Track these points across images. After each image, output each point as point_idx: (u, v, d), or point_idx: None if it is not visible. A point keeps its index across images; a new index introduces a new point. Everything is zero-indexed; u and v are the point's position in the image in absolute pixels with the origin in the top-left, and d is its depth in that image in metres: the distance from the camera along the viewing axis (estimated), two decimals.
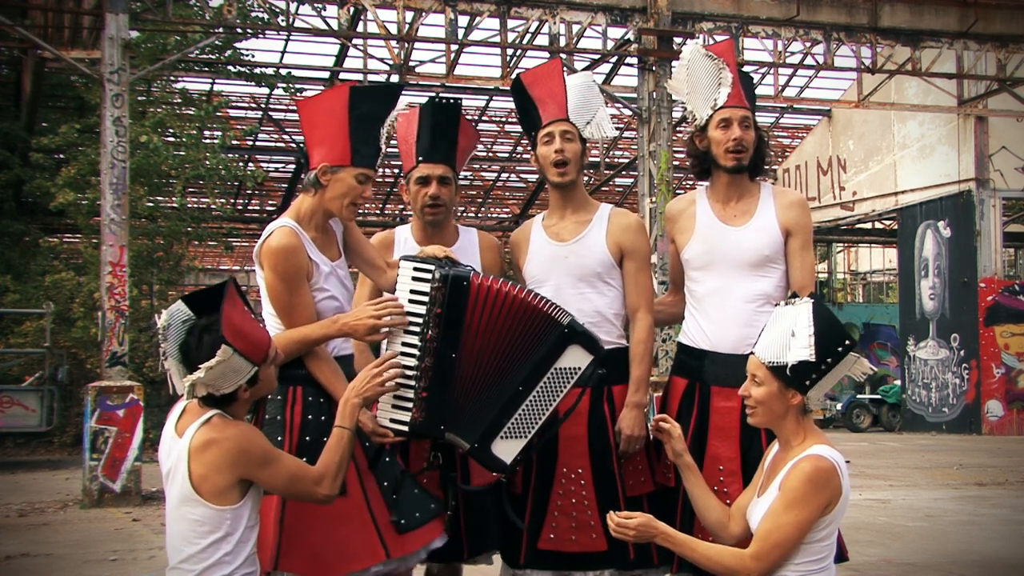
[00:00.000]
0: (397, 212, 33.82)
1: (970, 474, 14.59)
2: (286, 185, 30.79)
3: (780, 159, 32.33)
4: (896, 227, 29.30)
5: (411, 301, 3.80)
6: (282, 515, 3.71)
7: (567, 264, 4.39)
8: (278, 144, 29.82)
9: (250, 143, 28.09)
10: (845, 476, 3.52)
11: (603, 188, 29.93)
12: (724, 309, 4.29)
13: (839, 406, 28.60)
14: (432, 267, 3.82)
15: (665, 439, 3.91)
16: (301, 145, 27.82)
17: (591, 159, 4.89)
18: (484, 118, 28.78)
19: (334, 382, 3.82)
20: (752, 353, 3.62)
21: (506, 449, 3.82)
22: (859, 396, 28.97)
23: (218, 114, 21.43)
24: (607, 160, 27.64)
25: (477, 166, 30.64)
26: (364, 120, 3.86)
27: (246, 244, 37.93)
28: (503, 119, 30.01)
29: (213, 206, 22.26)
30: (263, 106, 27.14)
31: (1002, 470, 15.14)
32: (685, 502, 4.17)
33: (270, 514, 3.69)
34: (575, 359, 3.82)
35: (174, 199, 20.34)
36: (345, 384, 3.74)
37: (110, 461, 11.63)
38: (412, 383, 3.76)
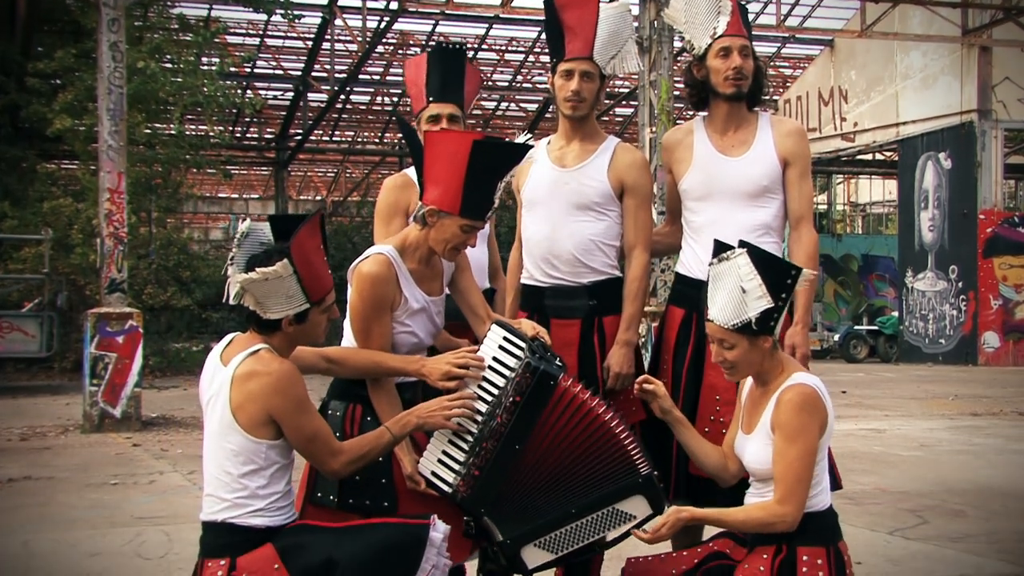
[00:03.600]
0: (396, 141, 33.70)
1: (965, 404, 14.69)
2: (284, 113, 30.64)
3: (781, 90, 32.13)
4: (897, 158, 29.20)
5: (490, 368, 3.71)
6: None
7: (566, 190, 4.37)
8: (276, 72, 29.62)
9: (248, 70, 27.89)
10: (827, 397, 3.56)
11: (603, 118, 29.78)
12: (722, 239, 4.26)
13: (836, 337, 28.73)
14: (523, 346, 3.71)
15: (650, 399, 3.91)
16: (300, 73, 27.69)
17: None
18: (484, 47, 28.57)
19: (387, 414, 3.77)
20: (709, 321, 3.59)
21: (534, 556, 3.71)
22: (856, 327, 29.11)
23: (216, 40, 21.22)
24: (607, 90, 27.46)
25: (477, 94, 30.48)
26: (482, 173, 3.80)
27: (244, 172, 37.90)
28: (503, 48, 29.80)
29: (211, 133, 22.17)
30: (261, 32, 26.92)
31: (997, 400, 15.25)
32: None
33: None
34: (636, 508, 3.67)
35: (172, 126, 20.25)
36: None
37: (110, 387, 11.71)
38: (466, 448, 3.65)
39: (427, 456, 3.68)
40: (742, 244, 3.57)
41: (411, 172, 4.67)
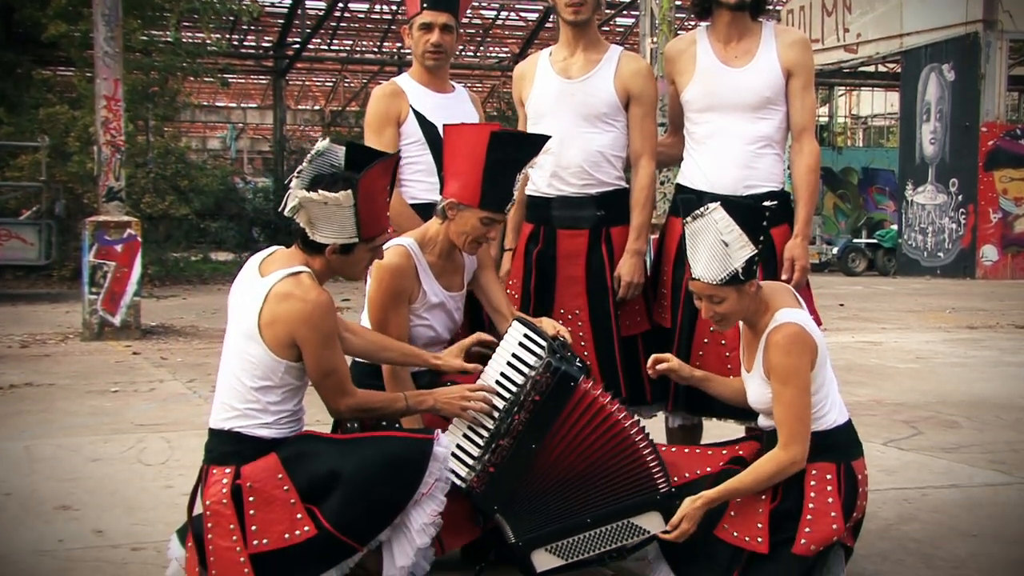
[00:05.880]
0: (395, 51, 33.38)
1: (962, 317, 14.75)
2: (282, 21, 30.29)
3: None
4: (899, 70, 28.95)
5: (509, 364, 3.68)
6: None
7: (573, 101, 4.34)
8: None
9: None
10: (813, 329, 3.56)
11: (603, 28, 29.42)
12: (723, 151, 4.25)
13: (835, 250, 28.76)
14: (544, 344, 3.67)
15: (670, 374, 3.91)
16: None
17: None
18: None
19: (388, 403, 3.69)
20: (695, 280, 3.57)
21: (543, 561, 3.68)
22: (855, 240, 29.13)
23: None
24: None
25: (476, 4, 30.09)
26: (501, 165, 3.77)
27: (242, 80, 37.56)
28: None
29: (208, 41, 21.93)
30: None
31: (993, 314, 15.31)
32: (680, 341, 4.22)
33: None
34: (651, 523, 3.62)
35: (168, 33, 20.03)
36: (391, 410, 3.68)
37: (109, 295, 11.73)
38: (481, 444, 3.63)
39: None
40: (713, 198, 3.54)
41: (401, 80, 4.63)
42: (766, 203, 3.58)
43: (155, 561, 4.01)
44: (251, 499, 3.34)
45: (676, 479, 3.66)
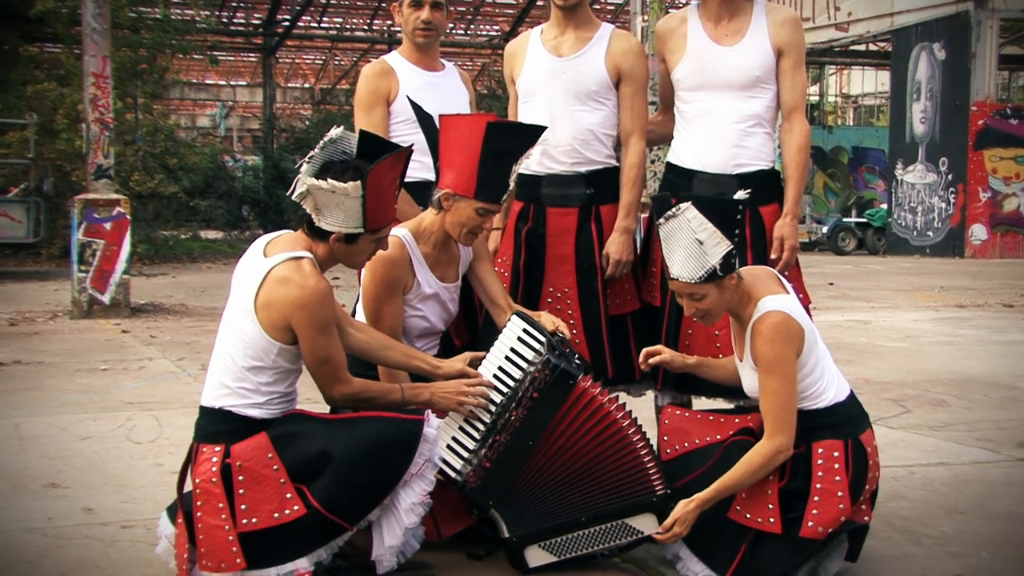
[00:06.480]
0: (385, 28, 33.23)
1: (951, 296, 14.80)
2: None
3: None
4: (890, 49, 28.92)
5: (507, 358, 3.67)
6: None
7: (563, 79, 4.34)
8: None
9: None
10: (798, 314, 3.56)
11: (594, 6, 29.34)
12: (714, 130, 4.25)
13: (825, 229, 28.78)
14: (543, 340, 3.67)
15: (664, 365, 3.92)
16: None
17: None
18: None
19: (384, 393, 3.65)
20: (673, 279, 3.55)
21: (536, 557, 3.69)
22: (845, 219, 29.15)
23: None
24: None
25: None
26: (497, 155, 3.76)
27: (231, 58, 37.39)
28: None
29: (197, 18, 21.81)
30: None
31: (982, 292, 15.36)
32: (670, 320, 4.23)
33: None
34: (645, 524, 3.64)
35: (157, 10, 19.90)
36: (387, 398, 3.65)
37: (98, 273, 11.70)
38: (477, 438, 3.62)
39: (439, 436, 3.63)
40: (683, 198, 3.53)
41: (391, 58, 4.62)
42: (738, 194, 3.56)
43: (144, 539, 4.01)
44: (241, 478, 3.35)
45: (686, 444, 3.69)
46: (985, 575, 3.75)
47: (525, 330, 3.72)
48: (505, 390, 3.63)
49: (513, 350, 3.69)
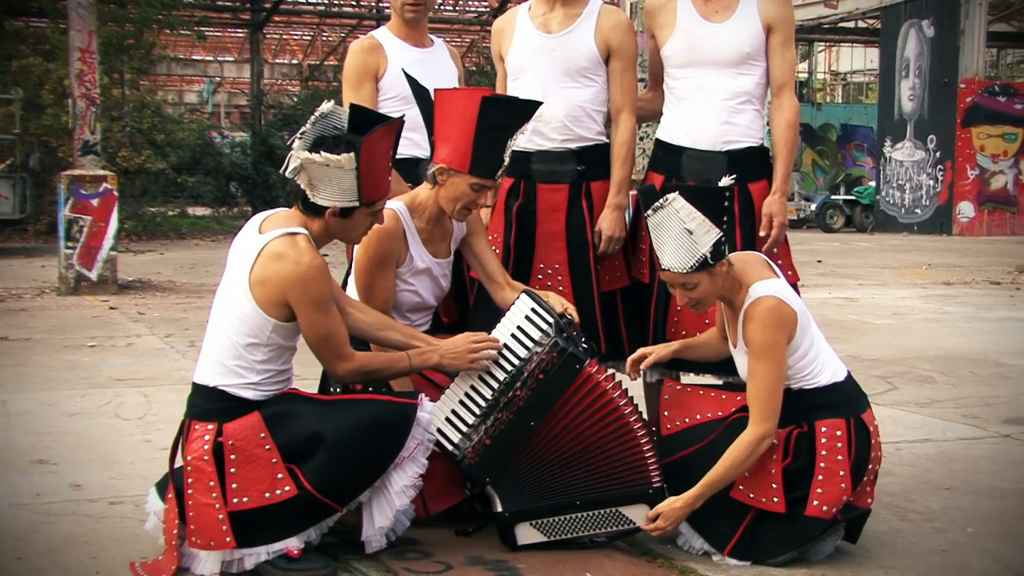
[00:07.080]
0: (373, 4, 33.09)
1: (938, 274, 14.84)
2: None
3: None
4: (879, 26, 28.90)
5: (513, 336, 3.66)
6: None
7: (553, 56, 4.32)
8: None
9: None
10: (790, 298, 3.57)
11: None
12: (703, 106, 4.24)
13: (813, 206, 28.81)
14: (551, 321, 3.65)
15: (656, 363, 3.92)
16: None
17: None
18: None
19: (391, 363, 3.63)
20: (664, 270, 3.55)
21: (526, 535, 3.68)
22: (833, 197, 29.18)
23: None
24: None
25: None
26: (492, 130, 3.73)
27: (218, 33, 37.19)
28: None
29: None
30: None
31: (969, 270, 15.41)
32: (659, 296, 4.23)
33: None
34: (638, 515, 3.64)
35: None
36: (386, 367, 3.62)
37: (85, 250, 11.66)
38: (478, 413, 3.61)
39: (438, 408, 3.63)
40: (671, 189, 3.52)
41: (379, 34, 4.60)
42: (724, 181, 3.56)
43: (133, 515, 4.01)
44: (232, 457, 3.34)
45: (687, 419, 3.71)
46: (971, 550, 3.77)
47: (534, 309, 3.70)
48: (509, 368, 3.61)
49: (520, 328, 3.67)
